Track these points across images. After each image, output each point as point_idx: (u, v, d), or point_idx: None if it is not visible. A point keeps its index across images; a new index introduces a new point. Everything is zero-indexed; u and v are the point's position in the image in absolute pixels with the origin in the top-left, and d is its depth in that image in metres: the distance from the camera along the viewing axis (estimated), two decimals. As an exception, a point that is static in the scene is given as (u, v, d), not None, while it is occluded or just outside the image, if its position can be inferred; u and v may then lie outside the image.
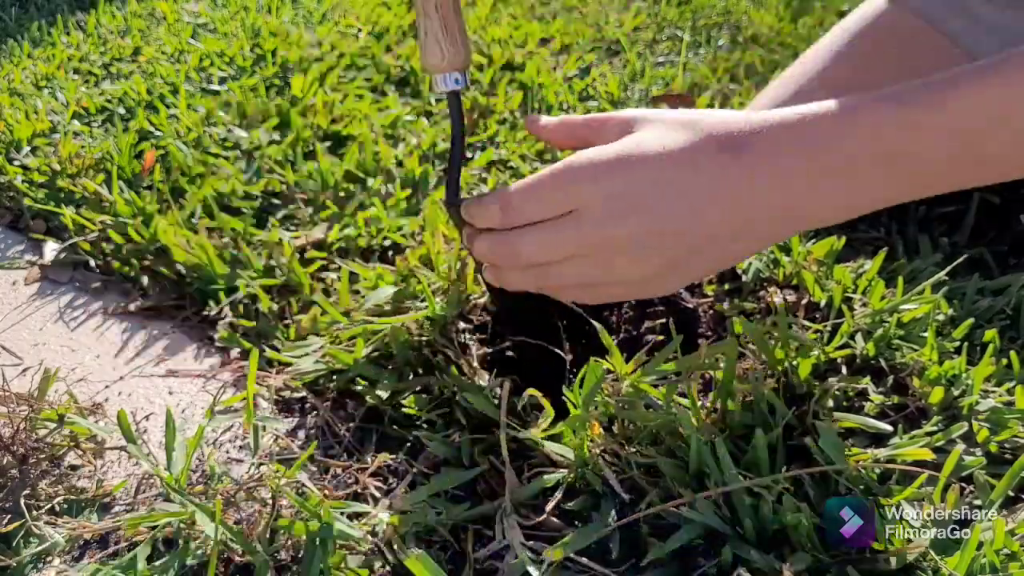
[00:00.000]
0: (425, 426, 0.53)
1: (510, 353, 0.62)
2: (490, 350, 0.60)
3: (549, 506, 0.47)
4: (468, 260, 0.64)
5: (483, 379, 0.55)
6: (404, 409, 0.54)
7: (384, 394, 0.55)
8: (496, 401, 0.51)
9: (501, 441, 0.48)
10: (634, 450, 0.47)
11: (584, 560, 0.44)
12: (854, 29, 0.77)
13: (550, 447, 0.48)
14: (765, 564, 0.41)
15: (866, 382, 0.54)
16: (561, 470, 0.48)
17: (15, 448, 0.50)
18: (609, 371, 0.52)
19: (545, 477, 0.48)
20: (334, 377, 0.59)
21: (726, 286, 0.68)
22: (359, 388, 0.57)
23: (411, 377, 0.57)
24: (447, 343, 0.58)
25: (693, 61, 1.29)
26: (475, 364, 0.56)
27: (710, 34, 1.42)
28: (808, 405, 0.53)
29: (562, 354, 0.56)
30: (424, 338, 0.58)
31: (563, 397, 0.51)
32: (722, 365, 0.52)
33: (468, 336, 0.59)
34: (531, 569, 0.42)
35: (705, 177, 0.42)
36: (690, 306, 0.66)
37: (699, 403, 0.52)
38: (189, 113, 1.02)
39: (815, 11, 1.50)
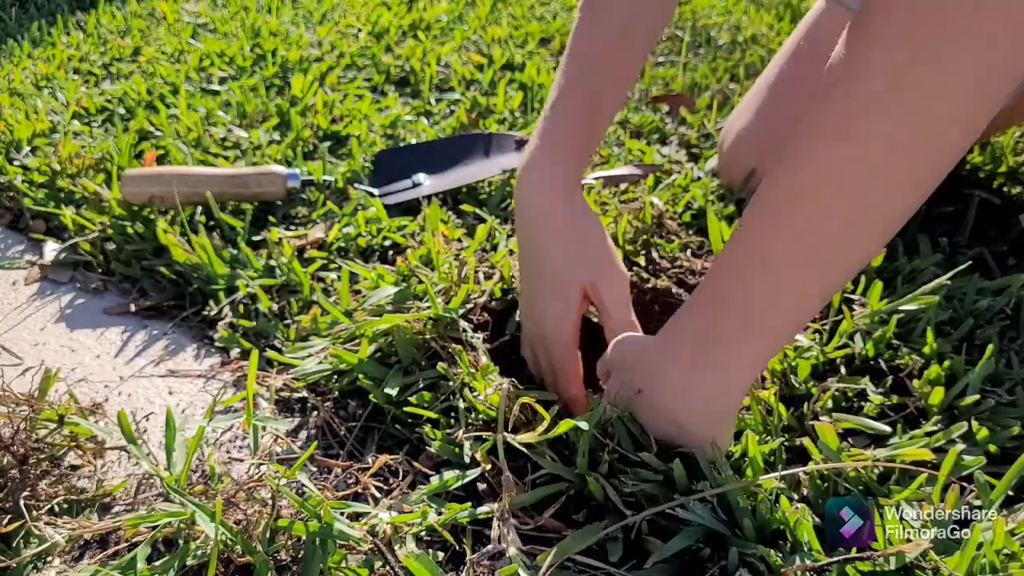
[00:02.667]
0: (428, 425, 0.53)
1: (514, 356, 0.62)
2: (491, 346, 0.60)
3: (547, 513, 0.47)
4: (469, 260, 0.64)
5: (492, 372, 0.55)
6: (409, 408, 0.54)
7: (392, 391, 0.54)
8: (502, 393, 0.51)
9: (498, 447, 0.48)
10: (636, 458, 0.47)
11: (585, 559, 0.44)
12: (800, 31, 0.81)
13: (550, 465, 0.48)
14: (765, 564, 0.41)
15: (865, 382, 0.54)
16: (560, 483, 0.48)
17: (15, 448, 0.49)
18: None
19: (545, 488, 0.48)
20: (335, 377, 0.59)
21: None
22: (365, 385, 0.57)
23: (417, 374, 0.57)
24: (452, 340, 0.58)
25: (693, 61, 1.29)
26: (483, 359, 0.56)
27: (710, 34, 1.42)
28: (807, 406, 0.53)
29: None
30: (428, 337, 0.58)
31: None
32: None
33: (471, 335, 0.59)
34: (523, 574, 0.42)
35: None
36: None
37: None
38: (189, 113, 1.02)
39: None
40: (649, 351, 0.49)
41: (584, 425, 0.47)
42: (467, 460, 0.50)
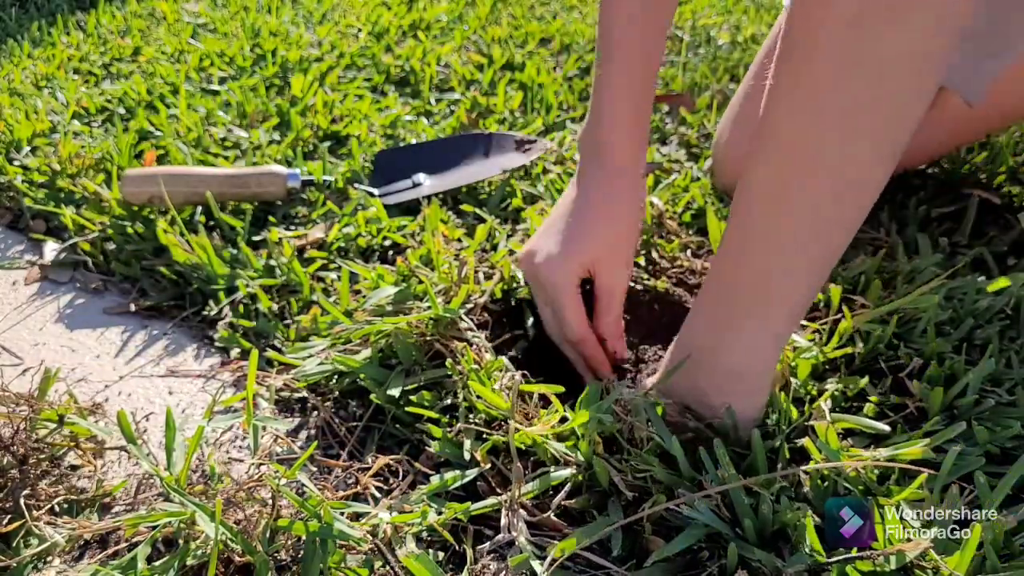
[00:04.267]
0: (429, 425, 0.53)
1: (512, 353, 0.62)
2: (491, 344, 0.60)
3: (554, 503, 0.46)
4: (469, 260, 0.64)
5: (498, 366, 0.55)
6: (411, 408, 0.54)
7: (395, 392, 0.54)
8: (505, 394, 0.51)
9: (510, 433, 0.48)
10: (639, 450, 0.47)
11: (588, 555, 0.44)
12: (775, 33, 0.82)
13: (555, 446, 0.48)
14: (766, 563, 0.41)
15: (864, 383, 0.54)
16: (567, 469, 0.48)
17: (15, 448, 0.49)
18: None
19: (551, 475, 0.48)
20: (336, 377, 0.59)
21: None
22: (367, 385, 0.57)
23: (419, 374, 0.57)
24: (454, 339, 0.58)
25: (693, 61, 1.29)
26: (487, 355, 0.56)
27: (710, 34, 1.42)
28: (807, 406, 0.53)
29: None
30: (428, 337, 0.58)
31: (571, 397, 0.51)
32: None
33: (474, 332, 0.59)
34: (534, 564, 0.42)
35: None
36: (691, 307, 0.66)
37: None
38: (189, 113, 1.02)
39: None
40: (683, 330, 0.53)
41: (603, 418, 0.47)
42: (467, 459, 0.50)
